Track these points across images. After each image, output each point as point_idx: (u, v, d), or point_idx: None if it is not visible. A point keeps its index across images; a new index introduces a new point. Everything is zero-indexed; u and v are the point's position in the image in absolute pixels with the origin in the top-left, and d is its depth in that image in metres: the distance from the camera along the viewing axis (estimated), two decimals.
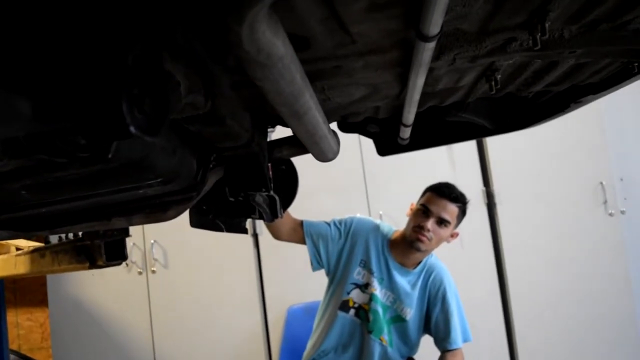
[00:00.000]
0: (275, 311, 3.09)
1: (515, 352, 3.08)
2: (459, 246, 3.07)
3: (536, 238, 3.12)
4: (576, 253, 3.10)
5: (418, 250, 1.99)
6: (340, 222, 2.16)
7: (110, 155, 0.62)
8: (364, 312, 2.08)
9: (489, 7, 0.74)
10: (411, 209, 2.09)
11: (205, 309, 3.13)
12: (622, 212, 3.13)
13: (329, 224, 2.15)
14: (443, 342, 2.06)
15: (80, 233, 1.59)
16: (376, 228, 2.16)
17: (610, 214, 3.10)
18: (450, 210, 1.98)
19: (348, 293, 2.09)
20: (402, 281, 2.07)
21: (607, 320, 3.06)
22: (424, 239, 1.96)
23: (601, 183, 3.12)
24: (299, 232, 2.10)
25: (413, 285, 2.08)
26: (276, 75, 0.56)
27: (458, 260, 3.01)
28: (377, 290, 2.07)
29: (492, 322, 3.10)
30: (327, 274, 2.18)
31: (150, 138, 0.57)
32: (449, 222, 1.98)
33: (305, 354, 2.20)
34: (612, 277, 3.08)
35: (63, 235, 1.74)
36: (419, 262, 2.10)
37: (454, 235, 2.06)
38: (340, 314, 2.10)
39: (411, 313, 2.07)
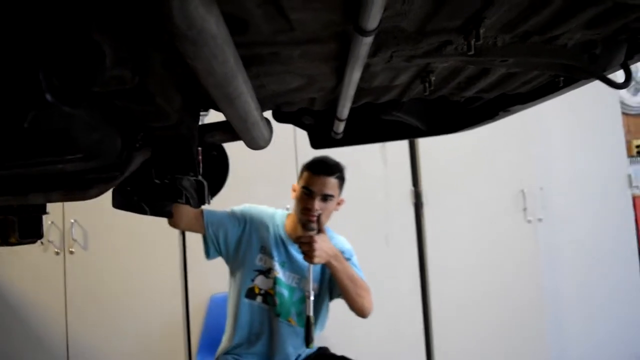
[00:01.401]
0: (197, 299, 3.04)
1: (431, 348, 3.18)
2: (384, 244, 3.13)
3: (458, 239, 3.22)
4: (495, 256, 3.23)
5: (312, 230, 2.02)
6: (237, 211, 2.17)
7: (26, 125, 0.58)
8: (270, 297, 2.10)
9: (428, 7, 0.75)
10: (294, 191, 2.13)
11: (124, 294, 3.03)
12: (540, 220, 3.29)
13: (227, 213, 2.15)
14: None
15: None
16: (270, 213, 2.20)
17: (529, 221, 3.26)
18: (330, 184, 2.04)
19: (252, 280, 2.11)
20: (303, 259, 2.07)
21: (517, 324, 3.20)
22: (314, 219, 2.01)
23: (522, 191, 3.26)
24: (200, 221, 2.08)
25: None
26: (208, 54, 0.54)
27: (383, 257, 3.07)
28: (280, 273, 2.10)
29: (412, 318, 3.18)
30: (227, 262, 2.18)
31: (69, 108, 0.54)
32: (332, 196, 2.05)
33: (220, 348, 2.18)
34: (526, 283, 3.24)
35: None
36: None
37: (340, 203, 2.13)
38: (247, 301, 2.11)
39: (317, 287, 2.11)
